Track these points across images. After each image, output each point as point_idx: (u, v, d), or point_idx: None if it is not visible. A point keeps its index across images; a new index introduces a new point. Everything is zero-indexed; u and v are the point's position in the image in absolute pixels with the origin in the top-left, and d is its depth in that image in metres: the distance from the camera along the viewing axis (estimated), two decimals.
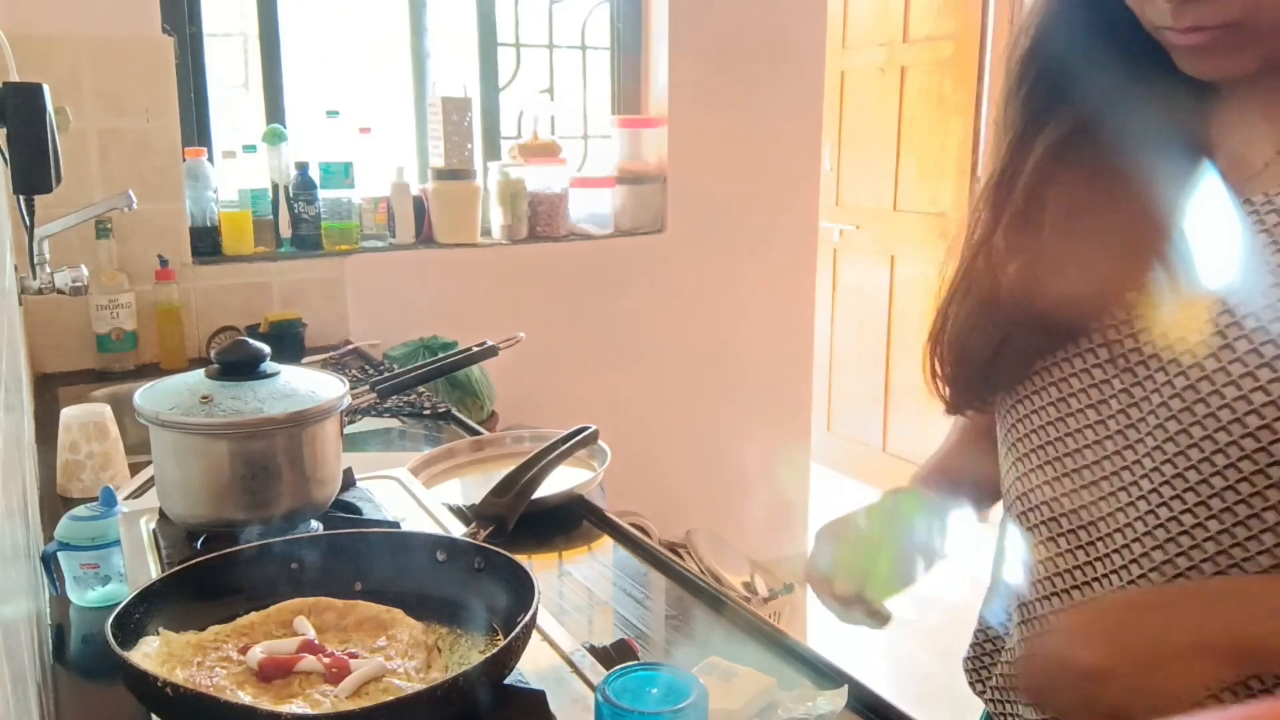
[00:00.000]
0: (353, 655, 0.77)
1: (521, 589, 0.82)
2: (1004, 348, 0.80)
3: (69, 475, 1.44)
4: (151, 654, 0.77)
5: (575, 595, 1.23)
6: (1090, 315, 0.76)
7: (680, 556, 1.28)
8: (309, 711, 0.71)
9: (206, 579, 0.86)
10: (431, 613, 0.85)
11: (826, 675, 0.97)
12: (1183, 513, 0.70)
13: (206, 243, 2.38)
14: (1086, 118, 0.77)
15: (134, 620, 0.79)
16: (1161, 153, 0.75)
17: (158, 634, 0.80)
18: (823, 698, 0.87)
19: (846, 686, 0.91)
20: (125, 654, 0.73)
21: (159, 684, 0.69)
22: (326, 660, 0.76)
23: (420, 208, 2.67)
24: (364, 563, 0.90)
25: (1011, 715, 0.85)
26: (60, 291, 1.70)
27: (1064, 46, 0.77)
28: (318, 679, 0.75)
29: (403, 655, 0.78)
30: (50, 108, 1.31)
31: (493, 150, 2.89)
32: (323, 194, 2.49)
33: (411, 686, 0.74)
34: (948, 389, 0.87)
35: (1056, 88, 0.78)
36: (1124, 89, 0.76)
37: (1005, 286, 0.79)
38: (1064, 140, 0.77)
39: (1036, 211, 0.78)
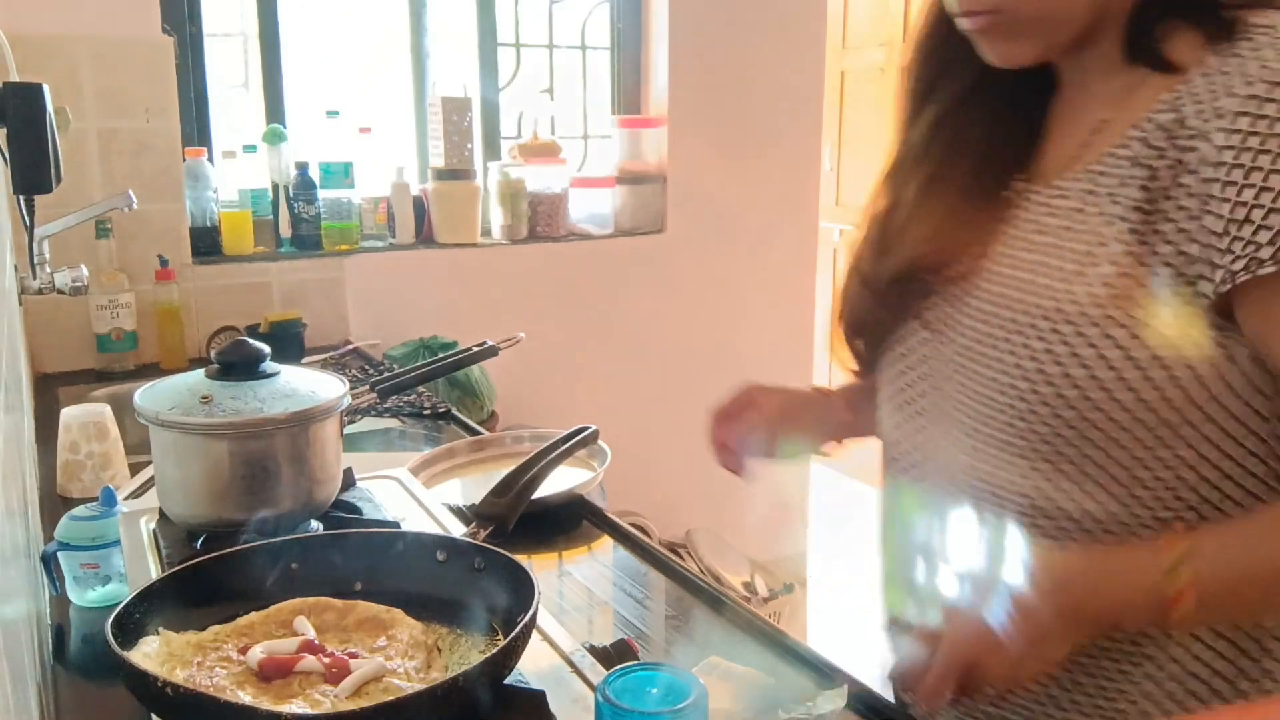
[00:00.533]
0: (353, 655, 0.77)
1: (521, 589, 0.82)
2: (869, 321, 0.94)
3: (69, 475, 1.44)
4: (151, 654, 0.76)
5: (575, 595, 1.23)
6: (918, 296, 0.88)
7: (680, 556, 1.28)
8: (309, 711, 0.71)
9: (207, 579, 0.86)
10: (431, 613, 0.85)
11: (826, 675, 0.97)
12: (973, 450, 0.82)
13: (206, 243, 2.38)
14: (942, 117, 0.88)
15: (134, 620, 0.79)
16: (995, 145, 0.86)
17: (158, 634, 0.80)
18: (823, 698, 0.87)
19: (846, 686, 0.91)
20: (125, 654, 0.73)
21: (159, 684, 0.69)
22: (326, 660, 0.76)
23: (420, 208, 2.67)
24: (364, 562, 0.90)
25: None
26: (60, 291, 1.70)
27: (932, 55, 0.89)
28: (318, 679, 0.75)
29: (403, 655, 0.78)
30: (50, 108, 1.31)
31: (493, 150, 2.89)
32: (323, 194, 2.49)
33: (411, 686, 0.74)
34: (853, 358, 0.99)
35: (925, 91, 0.89)
36: (976, 88, 0.86)
37: (868, 269, 0.92)
38: (925, 139, 0.89)
39: (896, 204, 0.90)
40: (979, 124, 0.86)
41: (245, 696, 0.73)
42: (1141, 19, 0.75)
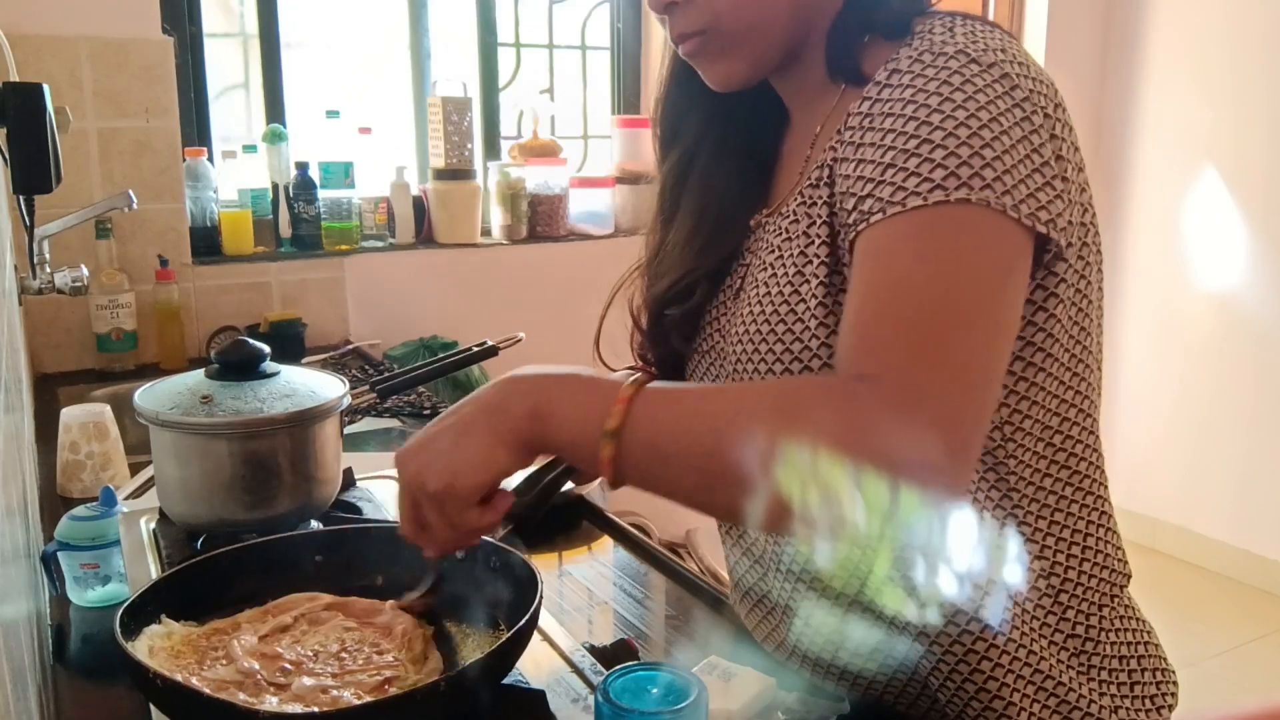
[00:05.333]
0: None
1: (526, 587, 0.82)
2: (655, 357, 1.01)
3: (69, 475, 1.44)
4: (155, 646, 0.78)
5: (575, 595, 1.23)
6: (687, 329, 0.94)
7: (680, 556, 1.28)
8: (299, 710, 0.71)
9: (230, 570, 0.88)
10: (443, 609, 0.85)
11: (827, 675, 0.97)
12: None
13: (206, 243, 2.38)
14: (686, 161, 0.94)
15: (148, 609, 0.80)
16: (738, 181, 0.91)
17: (179, 621, 0.81)
18: (822, 698, 0.87)
19: (846, 686, 0.91)
20: (124, 642, 0.73)
21: (149, 674, 0.69)
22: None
23: (420, 208, 2.67)
24: (386, 557, 0.91)
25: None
26: (60, 291, 1.70)
27: (670, 104, 0.95)
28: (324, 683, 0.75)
29: (398, 649, 0.79)
30: (50, 108, 1.31)
31: (493, 150, 2.89)
32: (323, 194, 2.49)
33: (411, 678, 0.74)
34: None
35: (670, 138, 0.96)
36: (711, 129, 0.93)
37: (635, 310, 1.01)
38: (676, 183, 0.95)
39: (661, 245, 0.97)
40: (721, 163, 0.92)
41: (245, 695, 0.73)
42: (839, 37, 0.81)
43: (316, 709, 0.71)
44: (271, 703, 0.72)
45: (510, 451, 0.72)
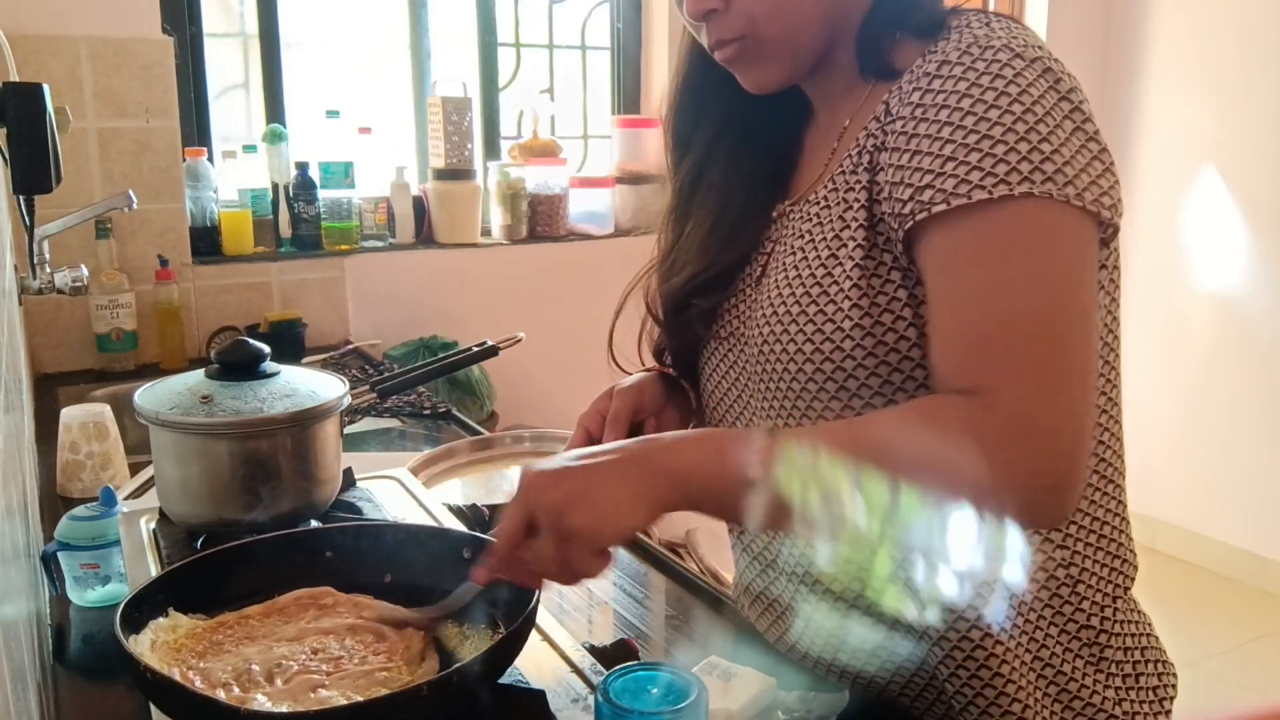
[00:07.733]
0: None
1: (523, 588, 0.82)
2: (670, 347, 1.03)
3: (69, 475, 1.44)
4: (159, 640, 0.78)
5: (575, 595, 1.23)
6: (705, 316, 0.95)
7: (680, 556, 1.28)
8: (286, 708, 0.71)
9: (237, 565, 0.88)
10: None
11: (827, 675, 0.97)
12: None
13: (206, 243, 2.38)
14: (704, 160, 0.95)
15: (155, 600, 0.80)
16: (759, 177, 0.93)
17: (185, 615, 0.82)
18: (823, 698, 0.87)
19: (847, 687, 0.91)
20: (122, 637, 0.73)
21: (140, 667, 0.70)
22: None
23: (420, 208, 2.67)
24: (395, 555, 0.91)
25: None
26: (60, 291, 1.70)
27: (686, 106, 0.96)
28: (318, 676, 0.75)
29: (392, 653, 0.79)
30: (50, 108, 1.31)
31: (493, 150, 2.89)
32: (323, 194, 2.49)
33: (405, 679, 0.74)
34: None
35: (686, 138, 0.97)
36: (729, 129, 0.94)
37: (652, 300, 1.03)
38: (693, 181, 0.96)
39: (678, 240, 0.98)
40: (739, 162, 0.94)
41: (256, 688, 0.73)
42: (868, 35, 0.83)
43: (303, 708, 0.71)
44: (260, 700, 0.72)
45: (648, 510, 0.70)
